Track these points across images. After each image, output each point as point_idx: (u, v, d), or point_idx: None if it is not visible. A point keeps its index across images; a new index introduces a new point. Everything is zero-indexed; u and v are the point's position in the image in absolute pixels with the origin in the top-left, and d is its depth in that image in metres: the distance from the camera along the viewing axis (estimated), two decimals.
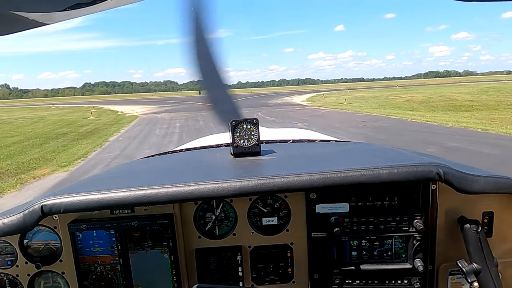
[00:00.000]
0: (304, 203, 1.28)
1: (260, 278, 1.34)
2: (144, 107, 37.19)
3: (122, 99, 75.99)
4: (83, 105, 47.77)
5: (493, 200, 1.26)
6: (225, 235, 1.32)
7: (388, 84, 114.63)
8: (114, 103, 48.38)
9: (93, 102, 59.96)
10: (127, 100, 60.35)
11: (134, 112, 31.46)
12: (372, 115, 19.82)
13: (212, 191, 1.14)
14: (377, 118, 17.80)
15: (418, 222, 1.23)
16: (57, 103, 62.35)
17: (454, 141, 10.22)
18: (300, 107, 29.71)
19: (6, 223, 1.16)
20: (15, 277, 1.29)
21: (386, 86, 78.96)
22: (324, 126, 14.71)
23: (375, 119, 17.64)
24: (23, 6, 0.60)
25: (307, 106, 30.73)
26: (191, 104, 38.05)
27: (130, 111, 32.16)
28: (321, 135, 2.80)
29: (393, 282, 1.28)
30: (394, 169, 1.15)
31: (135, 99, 69.63)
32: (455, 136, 11.27)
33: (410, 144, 9.51)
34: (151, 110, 33.08)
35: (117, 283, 1.29)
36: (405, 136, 11.92)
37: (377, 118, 18.01)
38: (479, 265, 1.13)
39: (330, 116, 20.24)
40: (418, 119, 16.44)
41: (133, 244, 1.27)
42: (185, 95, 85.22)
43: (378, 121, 16.65)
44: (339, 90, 69.69)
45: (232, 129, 1.53)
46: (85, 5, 0.62)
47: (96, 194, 1.14)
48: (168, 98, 62.55)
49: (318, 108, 27.09)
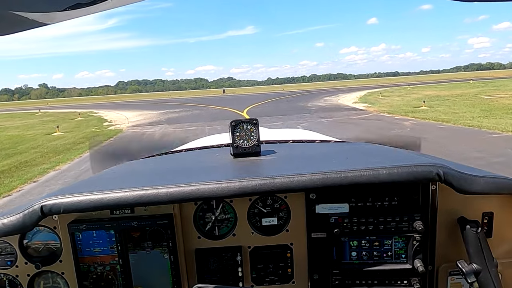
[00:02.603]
0: (304, 204, 1.28)
1: (260, 279, 1.34)
2: (146, 113, 28.95)
3: (136, 100, 69.51)
4: (85, 109, 40.39)
5: (493, 201, 1.26)
6: (225, 235, 1.32)
7: (440, 78, 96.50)
8: (116, 108, 40.07)
9: (104, 104, 52.75)
10: (138, 103, 52.25)
11: (126, 121, 23.48)
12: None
13: (212, 191, 1.14)
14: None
15: (418, 222, 1.23)
16: (53, 107, 54.22)
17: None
18: (358, 114, 20.07)
19: (6, 224, 1.16)
20: (14, 277, 1.29)
21: (446, 81, 63.02)
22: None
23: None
24: (23, 6, 0.60)
25: (366, 111, 21.05)
26: (205, 110, 29.39)
27: (123, 120, 24.09)
28: (321, 135, 2.80)
29: (392, 282, 1.27)
30: (394, 169, 1.15)
31: (149, 100, 63.04)
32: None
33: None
34: (149, 118, 25.08)
35: (117, 283, 1.28)
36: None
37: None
38: (479, 266, 1.12)
39: (441, 140, 10.74)
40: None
41: (133, 244, 1.27)
42: (210, 94, 77.64)
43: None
44: (390, 86, 57.40)
45: (232, 129, 1.54)
46: (85, 5, 0.62)
47: (96, 194, 1.14)
48: (187, 99, 54.26)
49: (391, 117, 17.40)
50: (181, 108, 31.55)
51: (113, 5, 0.65)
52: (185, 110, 29.28)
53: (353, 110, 22.10)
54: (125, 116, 27.34)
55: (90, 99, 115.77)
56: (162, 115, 26.30)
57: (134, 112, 30.45)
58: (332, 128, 14.57)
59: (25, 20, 0.62)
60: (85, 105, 53.28)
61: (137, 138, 15.47)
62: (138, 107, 38.44)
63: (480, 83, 44.11)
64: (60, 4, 0.60)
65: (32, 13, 0.61)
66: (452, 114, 16.57)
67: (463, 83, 46.48)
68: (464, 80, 57.53)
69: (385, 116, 17.74)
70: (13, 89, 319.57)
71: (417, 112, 17.93)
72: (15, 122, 28.35)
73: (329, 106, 25.51)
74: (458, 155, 8.56)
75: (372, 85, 64.64)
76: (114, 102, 62.23)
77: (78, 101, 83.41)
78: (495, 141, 9.90)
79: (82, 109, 39.20)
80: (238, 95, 58.45)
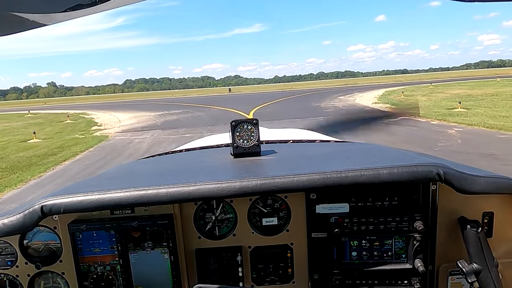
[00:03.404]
0: (304, 204, 1.27)
1: (260, 279, 1.33)
2: (142, 115, 26.22)
3: (139, 99, 65.31)
4: (81, 110, 37.58)
5: (493, 201, 1.26)
6: (225, 235, 1.31)
7: (460, 75, 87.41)
8: (114, 108, 36.17)
9: (102, 105, 49.23)
10: (140, 103, 48.20)
11: (118, 125, 20.96)
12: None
13: (212, 191, 1.14)
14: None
15: (418, 222, 1.22)
16: (49, 107, 50.15)
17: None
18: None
19: (6, 224, 1.16)
20: (15, 277, 1.29)
21: (468, 78, 56.13)
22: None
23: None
24: (23, 7, 0.60)
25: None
26: (207, 111, 26.59)
27: (114, 124, 21.56)
28: (321, 135, 2.79)
29: (393, 282, 1.27)
30: (394, 169, 1.15)
31: (152, 99, 58.43)
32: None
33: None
34: (144, 121, 22.42)
35: (117, 283, 1.28)
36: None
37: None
38: (479, 266, 1.12)
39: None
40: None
41: (133, 244, 1.27)
42: (216, 93, 73.53)
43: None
44: (405, 84, 53.71)
45: (232, 129, 1.53)
46: (86, 6, 0.62)
47: (96, 194, 1.14)
48: (190, 99, 49.90)
49: (426, 122, 14.45)
50: (181, 109, 28.35)
51: (113, 6, 0.65)
52: (185, 112, 26.27)
53: (376, 112, 19.14)
54: (118, 118, 24.55)
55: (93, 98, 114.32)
56: (158, 118, 23.56)
57: (130, 114, 27.51)
58: (359, 135, 11.74)
59: (25, 21, 0.62)
60: (83, 105, 49.27)
61: (118, 150, 12.79)
62: (137, 108, 34.98)
63: (510, 80, 40.42)
64: (61, 5, 0.61)
65: (32, 13, 0.62)
66: (501, 118, 13.58)
67: (490, 81, 42.61)
68: (488, 78, 53.44)
69: (419, 121, 14.81)
70: (22, 87, 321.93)
71: (456, 116, 14.95)
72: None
73: (346, 107, 22.54)
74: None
75: (386, 83, 60.79)
76: (115, 102, 58.54)
77: (80, 101, 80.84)
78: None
79: (78, 110, 36.67)
80: (245, 95, 54.43)
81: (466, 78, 60.62)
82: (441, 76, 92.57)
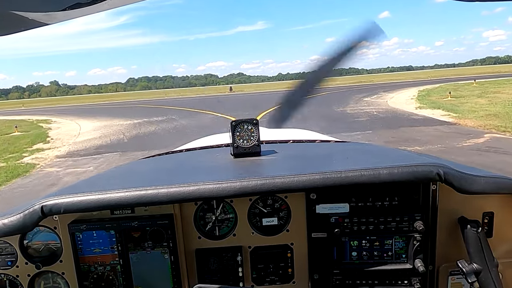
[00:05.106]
0: (304, 204, 1.27)
1: (260, 279, 1.34)
2: (112, 125, 20.18)
3: (130, 100, 59.57)
4: (49, 115, 30.62)
5: (494, 201, 1.26)
6: (225, 235, 1.32)
7: (484, 72, 76.68)
8: (88, 114, 29.13)
9: (78, 109, 40.86)
10: (124, 105, 40.79)
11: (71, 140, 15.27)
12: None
13: (212, 191, 1.14)
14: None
15: (418, 222, 1.22)
16: (21, 111, 37.75)
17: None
18: (451, 131, 11.49)
19: (6, 224, 1.16)
20: (15, 277, 1.29)
21: (504, 75, 51.55)
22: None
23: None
24: (23, 6, 0.60)
25: (459, 125, 12.43)
26: (198, 118, 20.70)
27: (69, 139, 15.85)
28: (321, 135, 2.80)
29: (393, 282, 1.27)
30: (394, 169, 1.15)
31: (140, 101, 51.99)
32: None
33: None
34: (109, 134, 16.64)
35: (117, 283, 1.28)
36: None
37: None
38: (479, 266, 1.12)
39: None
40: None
41: (133, 244, 1.27)
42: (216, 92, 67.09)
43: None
44: (431, 81, 46.21)
45: (232, 129, 1.54)
46: (85, 5, 0.62)
47: (96, 194, 1.14)
48: (184, 100, 41.42)
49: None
50: (166, 116, 22.06)
51: (113, 5, 0.65)
52: (168, 120, 19.82)
53: (434, 123, 13.22)
54: (79, 130, 18.41)
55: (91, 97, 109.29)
56: (131, 129, 17.58)
57: (100, 123, 21.30)
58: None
59: (25, 20, 0.62)
60: (60, 109, 41.26)
61: (30, 196, 7.07)
62: (114, 114, 27.53)
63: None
64: (60, 4, 0.60)
65: (32, 13, 0.61)
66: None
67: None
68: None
69: (503, 137, 9.66)
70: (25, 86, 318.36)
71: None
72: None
73: (383, 114, 16.58)
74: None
75: (406, 81, 54.12)
76: (100, 104, 50.49)
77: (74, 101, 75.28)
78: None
79: (46, 116, 30.04)
80: (247, 95, 47.59)
81: (495, 74, 53.79)
82: (466, 72, 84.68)
